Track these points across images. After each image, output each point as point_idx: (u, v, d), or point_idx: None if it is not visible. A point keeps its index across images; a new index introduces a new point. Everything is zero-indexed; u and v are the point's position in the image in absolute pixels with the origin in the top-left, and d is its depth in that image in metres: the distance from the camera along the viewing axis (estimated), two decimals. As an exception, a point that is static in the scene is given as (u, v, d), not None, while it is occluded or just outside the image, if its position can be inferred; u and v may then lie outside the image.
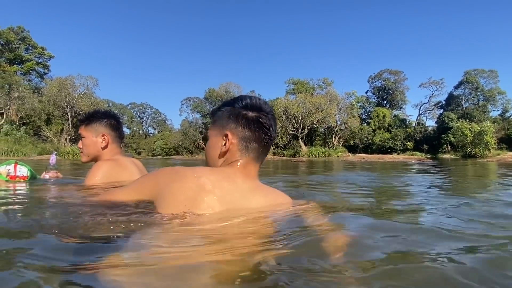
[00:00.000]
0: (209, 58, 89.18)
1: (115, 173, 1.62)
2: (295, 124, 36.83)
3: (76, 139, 31.98)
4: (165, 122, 59.93)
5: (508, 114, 35.63)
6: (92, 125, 1.70)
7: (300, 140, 36.91)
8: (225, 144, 0.98)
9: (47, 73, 38.06)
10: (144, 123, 58.23)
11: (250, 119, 0.98)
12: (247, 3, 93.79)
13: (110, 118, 1.75)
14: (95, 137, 1.70)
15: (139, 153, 45.54)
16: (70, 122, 33.01)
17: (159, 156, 46.78)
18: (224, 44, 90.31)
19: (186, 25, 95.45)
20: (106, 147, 1.72)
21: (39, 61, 37.00)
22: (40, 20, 74.92)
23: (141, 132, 55.20)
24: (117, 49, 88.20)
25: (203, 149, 43.96)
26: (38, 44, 36.02)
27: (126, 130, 53.72)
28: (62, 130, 32.96)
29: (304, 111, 35.76)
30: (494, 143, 29.91)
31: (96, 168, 1.60)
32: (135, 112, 56.15)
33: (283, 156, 33.11)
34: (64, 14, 79.85)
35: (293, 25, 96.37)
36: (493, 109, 36.03)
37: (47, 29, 75.30)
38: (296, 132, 37.18)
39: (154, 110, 57.99)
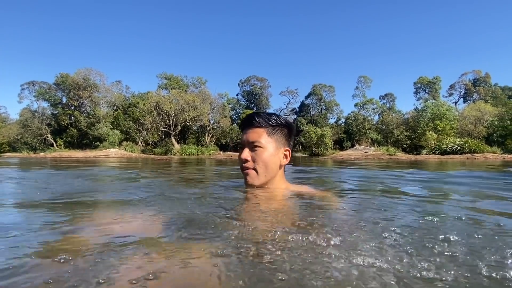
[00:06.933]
0: (61, 38, 74.64)
1: None
2: (168, 121, 35.53)
3: None
4: (-5, 109, 46.43)
5: (340, 122, 45.41)
6: None
7: (173, 137, 35.89)
8: None
9: None
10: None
11: None
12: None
13: None
14: None
15: None
16: None
17: (-17, 154, 35.82)
18: (81, 25, 78.21)
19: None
20: None
21: None
22: None
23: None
24: None
25: (51, 145, 36.76)
26: None
27: None
28: None
29: (177, 108, 34.94)
30: (331, 144, 37.39)
31: None
32: None
33: (153, 154, 31.31)
34: None
35: (165, 19, 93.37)
36: (331, 117, 45.14)
37: None
38: (169, 129, 35.94)
39: (-24, 92, 43.86)
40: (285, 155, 1.45)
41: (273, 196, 1.35)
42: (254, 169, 1.39)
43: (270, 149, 1.38)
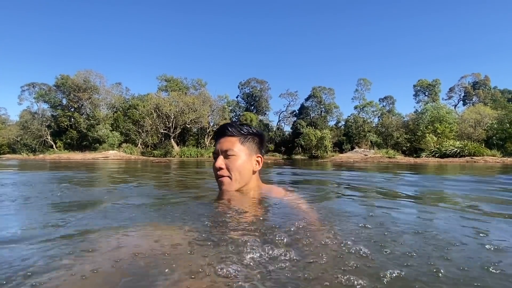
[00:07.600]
0: (61, 40, 75.17)
1: None
2: (167, 123, 35.55)
3: None
4: (-5, 111, 46.67)
5: (340, 124, 45.47)
6: None
7: (172, 139, 35.89)
8: None
9: None
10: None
11: None
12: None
13: None
14: None
15: None
16: None
17: (-17, 155, 35.78)
18: (82, 26, 78.72)
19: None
20: None
21: None
22: None
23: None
24: None
25: (51, 146, 36.70)
26: None
27: None
28: None
29: (177, 110, 34.97)
30: (331, 147, 37.35)
31: None
32: None
33: (153, 156, 31.28)
34: None
35: (165, 21, 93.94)
36: (331, 119, 45.24)
37: None
38: (168, 131, 35.95)
39: (-23, 94, 43.98)
40: (258, 162, 1.53)
41: (246, 197, 1.46)
42: (229, 176, 1.45)
43: (243, 156, 1.46)
